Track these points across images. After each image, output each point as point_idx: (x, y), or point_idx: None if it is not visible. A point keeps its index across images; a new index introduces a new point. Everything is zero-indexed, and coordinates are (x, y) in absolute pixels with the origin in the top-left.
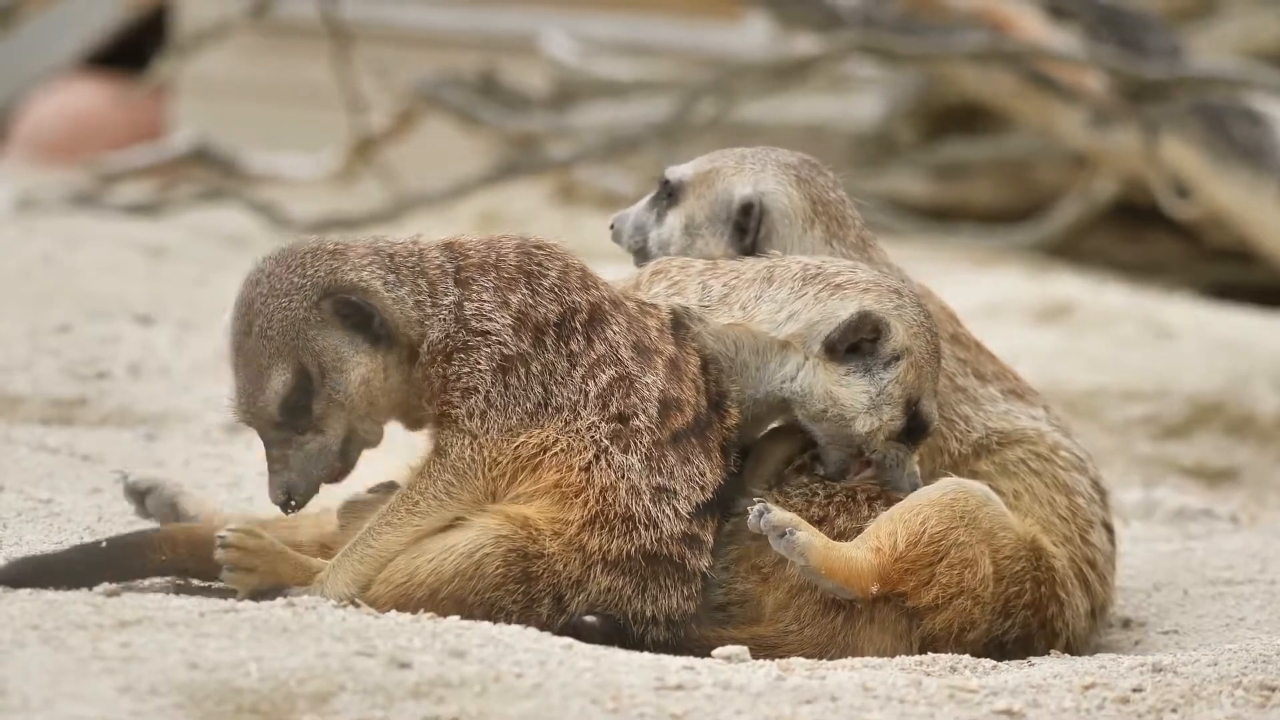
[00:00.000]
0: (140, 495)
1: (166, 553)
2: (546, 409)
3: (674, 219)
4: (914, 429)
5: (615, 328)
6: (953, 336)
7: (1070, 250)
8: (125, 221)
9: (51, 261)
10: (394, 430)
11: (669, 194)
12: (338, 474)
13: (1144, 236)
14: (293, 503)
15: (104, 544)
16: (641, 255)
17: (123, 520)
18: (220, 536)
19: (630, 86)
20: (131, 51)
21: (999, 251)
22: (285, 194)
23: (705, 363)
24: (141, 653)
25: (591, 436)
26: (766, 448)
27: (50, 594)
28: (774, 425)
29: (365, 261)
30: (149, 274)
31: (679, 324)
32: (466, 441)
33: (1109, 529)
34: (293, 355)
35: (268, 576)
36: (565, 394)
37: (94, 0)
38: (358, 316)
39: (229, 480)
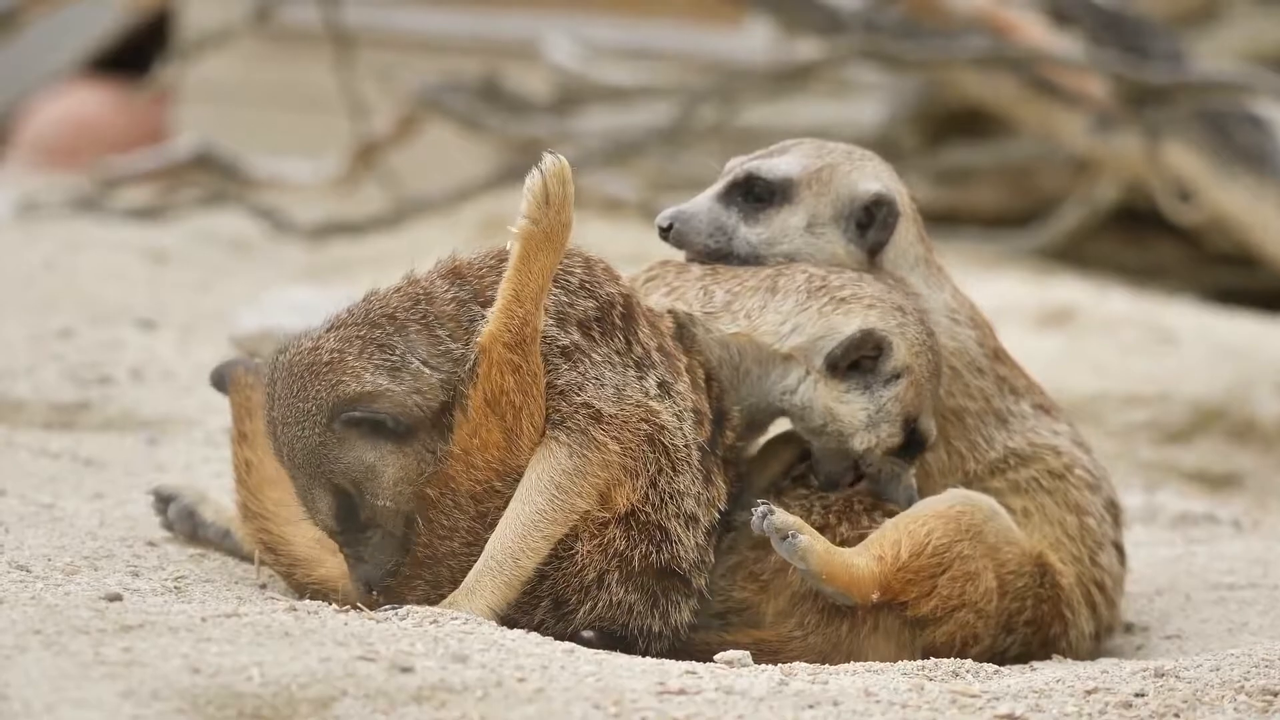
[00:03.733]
0: (164, 503)
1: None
2: (621, 398)
3: (788, 218)
4: (911, 444)
5: (645, 329)
6: (995, 352)
7: (1072, 255)
8: (127, 226)
9: (53, 266)
10: None
11: (770, 192)
12: None
13: (1146, 241)
14: (374, 592)
15: None
16: (716, 257)
17: (124, 525)
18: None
19: (632, 91)
20: (134, 56)
21: (1001, 256)
22: (287, 199)
23: (709, 375)
24: (143, 658)
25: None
26: (764, 458)
27: (51, 599)
28: (770, 437)
29: (365, 359)
30: (151, 278)
31: (683, 331)
32: (565, 440)
33: (1119, 549)
34: (325, 478)
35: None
36: (633, 390)
37: (97, 5)
38: (370, 424)
39: (232, 484)
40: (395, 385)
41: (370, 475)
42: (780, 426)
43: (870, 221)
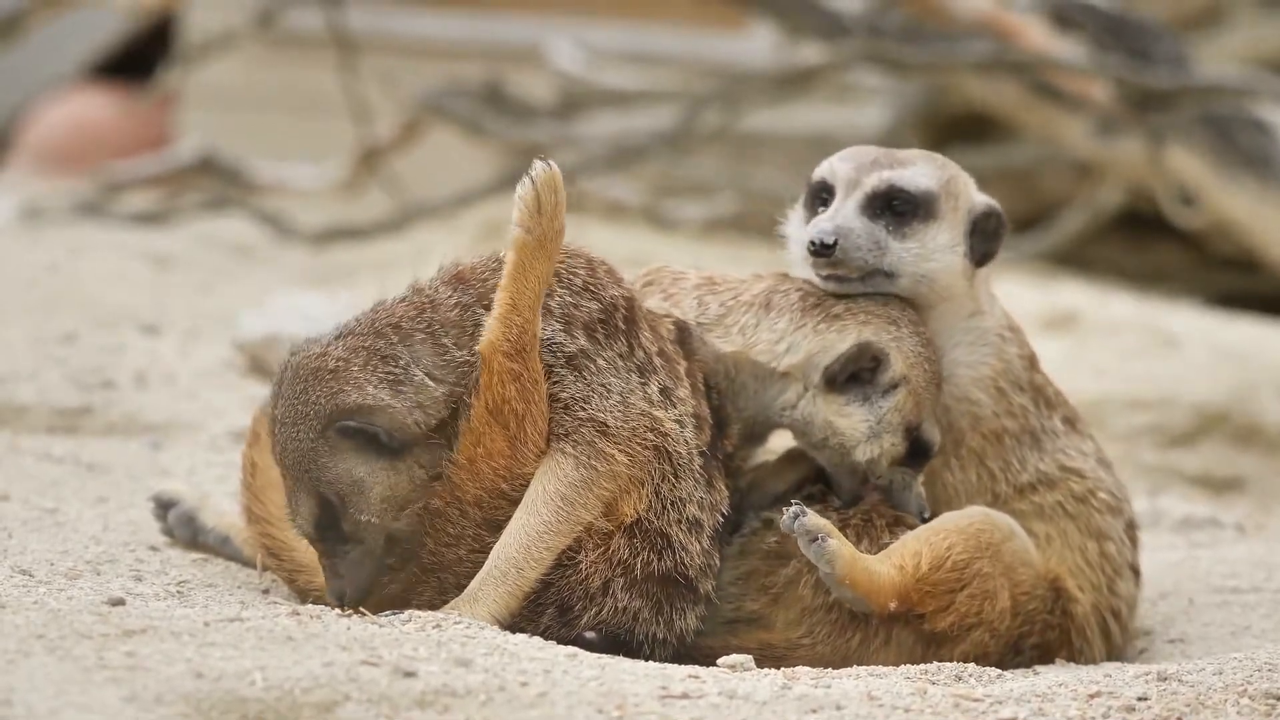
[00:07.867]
0: (164, 508)
1: None
2: (627, 408)
3: (937, 234)
4: (917, 452)
5: (646, 333)
6: (1030, 360)
7: (1076, 259)
8: (131, 231)
9: (57, 270)
10: None
11: (914, 206)
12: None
13: (1150, 245)
14: (345, 609)
15: None
16: (868, 274)
17: (127, 530)
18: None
19: (635, 96)
20: (138, 61)
21: (1005, 261)
22: (291, 203)
23: (708, 380)
24: (147, 662)
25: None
26: (777, 470)
27: (55, 604)
28: (782, 454)
29: (369, 370)
30: (154, 283)
31: (683, 337)
32: (571, 450)
33: (1136, 571)
34: (311, 484)
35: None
36: (637, 398)
37: (100, 10)
38: (364, 437)
39: (235, 489)
40: (396, 401)
41: (357, 489)
42: (782, 439)
43: (973, 233)
